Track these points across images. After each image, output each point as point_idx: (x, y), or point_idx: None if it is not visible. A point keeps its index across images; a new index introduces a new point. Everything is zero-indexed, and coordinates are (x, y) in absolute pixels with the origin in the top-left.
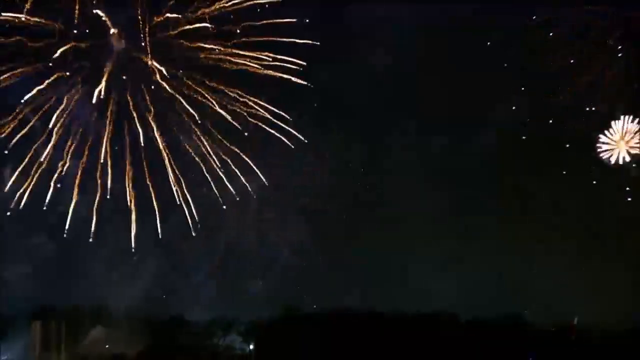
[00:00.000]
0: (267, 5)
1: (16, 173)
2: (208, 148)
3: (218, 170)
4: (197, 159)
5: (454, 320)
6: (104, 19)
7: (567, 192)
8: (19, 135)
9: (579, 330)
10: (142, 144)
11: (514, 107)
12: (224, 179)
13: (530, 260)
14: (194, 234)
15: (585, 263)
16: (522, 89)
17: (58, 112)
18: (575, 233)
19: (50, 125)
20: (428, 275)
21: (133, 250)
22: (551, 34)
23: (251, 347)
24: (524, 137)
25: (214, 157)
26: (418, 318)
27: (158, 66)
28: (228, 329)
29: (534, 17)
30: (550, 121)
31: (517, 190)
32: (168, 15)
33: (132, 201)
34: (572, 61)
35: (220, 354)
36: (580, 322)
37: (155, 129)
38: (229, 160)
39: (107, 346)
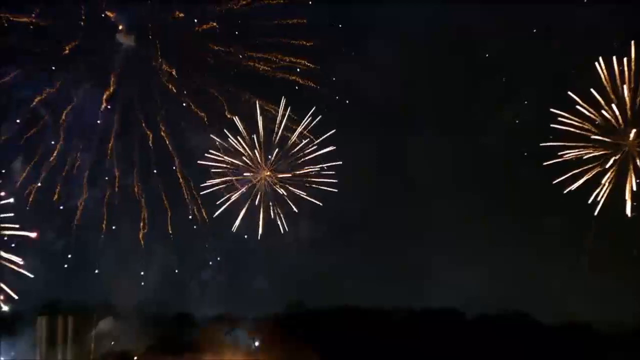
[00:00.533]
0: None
1: (27, 169)
2: (217, 145)
3: (226, 167)
4: (205, 156)
5: (461, 318)
6: (112, 18)
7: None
8: (30, 133)
9: (585, 329)
10: (151, 144)
11: (520, 114)
12: (232, 176)
13: (537, 260)
14: (201, 231)
15: (593, 263)
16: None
17: (68, 109)
18: (583, 234)
19: (60, 122)
20: (434, 274)
21: (141, 246)
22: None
23: (257, 343)
24: (535, 142)
25: (222, 154)
26: (424, 315)
27: (167, 67)
28: (234, 325)
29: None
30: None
31: (527, 192)
32: (177, 15)
33: (141, 198)
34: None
35: (226, 349)
36: (586, 321)
37: (163, 128)
38: (236, 159)
39: (112, 343)
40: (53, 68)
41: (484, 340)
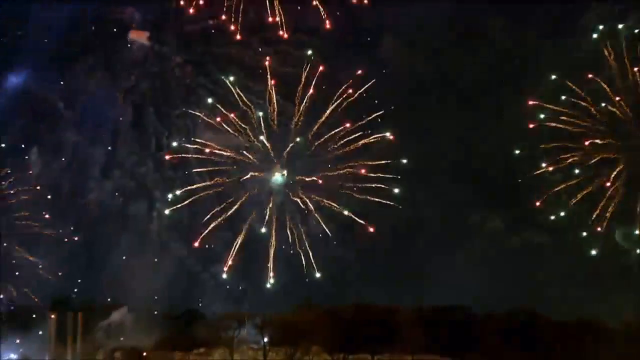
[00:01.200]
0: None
1: (40, 162)
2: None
3: (234, 163)
4: (216, 152)
5: (469, 314)
6: (125, 16)
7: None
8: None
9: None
10: (166, 139)
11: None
12: (242, 173)
13: (543, 258)
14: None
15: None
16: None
17: (83, 102)
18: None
19: (75, 116)
20: (441, 272)
21: (153, 243)
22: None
23: (265, 339)
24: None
25: (233, 150)
26: (433, 312)
27: (180, 63)
28: (243, 322)
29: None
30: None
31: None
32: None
33: (154, 196)
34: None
35: (235, 346)
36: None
37: (178, 122)
38: (248, 155)
39: (122, 339)
40: (68, 65)
41: (488, 338)
